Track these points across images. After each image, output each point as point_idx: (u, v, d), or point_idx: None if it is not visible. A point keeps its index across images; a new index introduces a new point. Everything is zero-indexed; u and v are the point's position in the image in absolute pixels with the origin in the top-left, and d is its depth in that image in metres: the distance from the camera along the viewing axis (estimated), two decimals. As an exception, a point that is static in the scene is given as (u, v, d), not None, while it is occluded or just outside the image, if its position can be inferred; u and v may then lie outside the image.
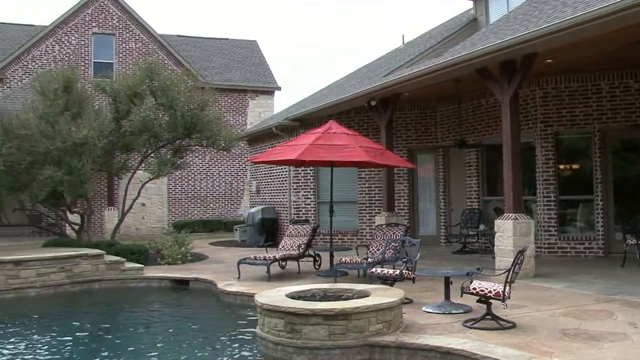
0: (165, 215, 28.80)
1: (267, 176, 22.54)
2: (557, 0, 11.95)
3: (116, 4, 28.73)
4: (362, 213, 19.10)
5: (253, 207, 23.46)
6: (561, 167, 15.47)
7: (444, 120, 18.68)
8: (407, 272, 10.03)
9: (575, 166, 15.71)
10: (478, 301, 8.26)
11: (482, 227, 16.46)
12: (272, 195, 22.07)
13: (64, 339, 9.40)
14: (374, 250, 12.88)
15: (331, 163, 13.41)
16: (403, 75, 14.36)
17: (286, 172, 20.19)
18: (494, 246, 12.39)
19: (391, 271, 10.28)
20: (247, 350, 8.33)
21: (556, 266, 13.35)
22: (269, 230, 20.46)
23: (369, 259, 11.87)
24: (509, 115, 12.12)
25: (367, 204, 19.07)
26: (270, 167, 21.63)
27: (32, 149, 15.84)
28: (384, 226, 13.92)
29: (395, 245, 11.97)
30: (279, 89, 31.46)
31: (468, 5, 20.72)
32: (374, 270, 10.64)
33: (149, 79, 17.27)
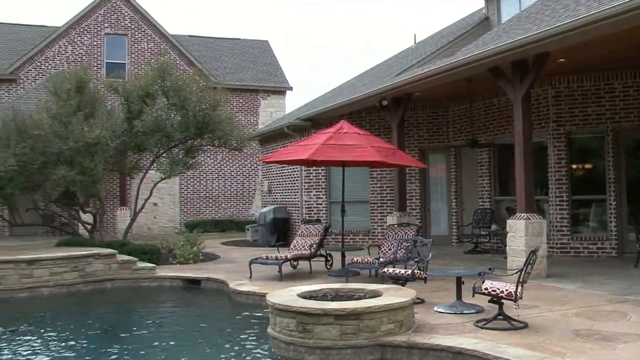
0: (177, 215, 28.89)
1: (279, 176, 22.57)
2: (570, -1, 11.91)
3: (128, 4, 28.86)
4: (373, 213, 19.09)
5: (265, 206, 23.50)
6: (573, 166, 15.40)
7: (456, 120, 18.63)
8: (418, 272, 10.02)
9: (588, 166, 15.63)
10: (490, 301, 8.24)
11: (494, 227, 16.40)
12: (283, 195, 22.09)
13: (77, 338, 9.45)
14: (385, 250, 12.87)
15: (343, 163, 13.40)
16: (414, 75, 14.33)
17: (298, 171, 20.21)
18: (506, 246, 12.36)
19: (403, 271, 10.27)
20: (258, 350, 8.33)
21: (569, 266, 13.29)
22: (280, 230, 20.49)
23: (381, 259, 11.87)
24: (521, 114, 12.08)
25: (379, 204, 19.06)
26: (282, 167, 21.66)
27: (45, 149, 15.92)
28: (395, 226, 13.92)
29: (407, 245, 11.95)
30: (290, 88, 31.50)
31: (480, 4, 20.68)
32: (385, 270, 10.63)
33: (161, 79, 17.32)
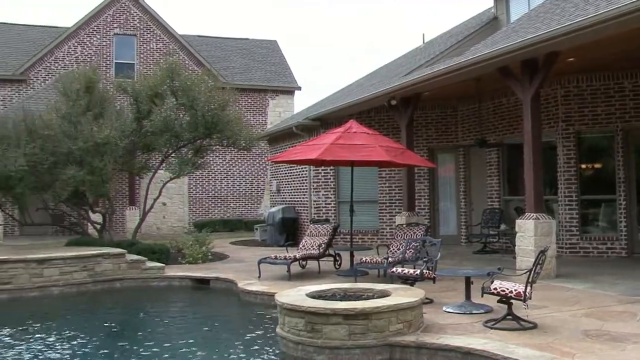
0: (186, 215, 28.96)
1: (288, 176, 22.59)
2: (579, -2, 11.87)
3: (137, 5, 28.94)
4: (382, 212, 19.08)
5: (273, 206, 23.53)
6: (583, 166, 15.34)
7: (465, 120, 18.60)
8: (427, 272, 10.01)
9: (598, 165, 15.57)
10: (499, 301, 8.23)
11: (503, 226, 16.36)
12: (292, 195, 22.11)
13: (87, 337, 9.49)
14: (394, 249, 12.87)
15: (351, 162, 13.40)
16: (423, 75, 14.31)
17: (306, 171, 20.22)
18: (514, 246, 12.33)
19: (412, 271, 10.26)
20: (267, 350, 8.35)
21: (578, 266, 13.24)
22: (289, 230, 20.51)
23: (390, 259, 11.85)
24: (530, 114, 12.05)
25: (388, 204, 19.05)
26: (291, 167, 21.68)
27: (55, 149, 15.99)
28: (404, 226, 13.91)
29: (416, 245, 11.94)
30: (299, 88, 31.52)
31: (489, 4, 20.63)
32: (394, 270, 10.63)
33: (170, 79, 17.37)
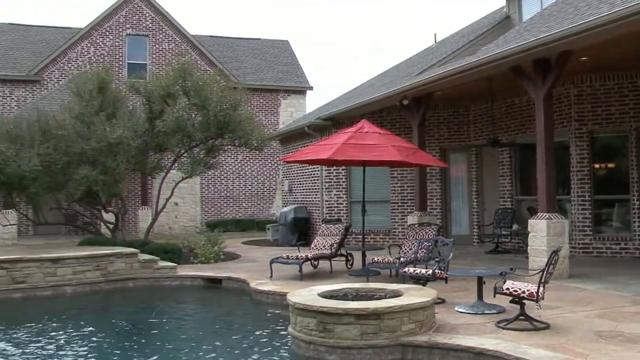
0: (198, 215, 29.04)
1: (300, 175, 22.60)
2: (592, -3, 11.80)
3: (150, 5, 29.06)
4: (394, 212, 19.06)
5: (285, 206, 23.56)
6: (596, 166, 15.25)
7: (477, 119, 18.55)
8: (439, 271, 10.00)
9: (611, 165, 15.48)
10: (511, 301, 8.20)
11: (515, 226, 16.31)
12: (304, 195, 22.12)
13: (100, 335, 9.55)
14: (406, 249, 12.84)
15: (363, 162, 13.39)
16: (435, 74, 14.28)
17: (318, 171, 20.23)
18: (527, 246, 12.28)
19: (424, 271, 10.25)
20: (279, 349, 8.36)
21: (591, 267, 13.18)
22: (301, 230, 20.52)
23: (402, 259, 11.84)
24: (542, 113, 12.00)
25: (400, 204, 19.03)
26: (303, 167, 21.69)
27: (68, 149, 16.10)
28: (416, 225, 13.87)
29: (428, 245, 11.93)
30: (310, 88, 31.53)
31: (500, 3, 20.57)
32: (406, 270, 10.62)
33: (182, 79, 17.42)
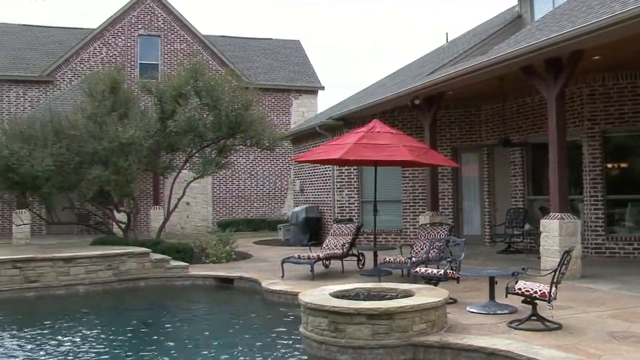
0: (210, 214, 29.11)
1: (311, 175, 22.61)
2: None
3: (161, 6, 29.16)
4: (406, 212, 19.04)
5: (297, 206, 23.59)
6: (609, 166, 15.17)
7: (489, 119, 18.49)
8: (451, 271, 9.98)
9: (624, 165, 15.39)
10: (523, 302, 8.18)
11: (527, 226, 16.25)
12: (315, 195, 22.13)
13: (113, 334, 9.61)
14: (418, 249, 12.84)
15: (375, 162, 13.38)
16: (447, 74, 14.26)
17: (330, 171, 20.23)
18: (539, 246, 12.24)
19: (435, 271, 10.23)
20: (290, 349, 8.37)
21: (603, 267, 13.11)
22: (312, 230, 20.54)
23: (413, 259, 11.83)
24: (554, 113, 11.96)
25: (411, 203, 19.01)
26: (314, 167, 21.70)
27: (81, 149, 16.18)
28: (428, 225, 13.87)
29: (440, 245, 11.91)
30: (322, 88, 31.56)
31: (512, 2, 20.50)
32: (418, 269, 10.60)
33: (194, 79, 17.47)
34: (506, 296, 8.35)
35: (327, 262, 13.98)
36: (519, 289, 8.05)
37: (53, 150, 15.56)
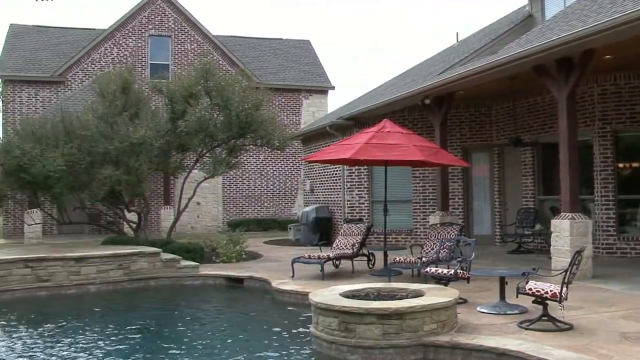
0: (220, 214, 29.18)
1: (321, 175, 22.61)
2: (616, -5, 11.68)
3: (172, 6, 29.26)
4: (416, 212, 19.02)
5: (307, 206, 23.58)
6: (620, 165, 15.10)
7: (499, 119, 18.44)
8: (461, 271, 9.96)
9: (635, 165, 15.30)
10: (534, 302, 8.16)
11: (537, 226, 16.20)
12: (326, 194, 22.13)
13: (124, 333, 9.63)
14: (428, 249, 12.82)
15: (385, 162, 13.38)
16: (457, 74, 14.23)
17: (340, 171, 20.23)
18: (550, 246, 12.20)
19: (445, 271, 10.22)
20: (301, 349, 8.38)
21: (615, 267, 13.06)
22: (323, 229, 20.54)
23: (423, 259, 11.82)
24: (565, 113, 11.91)
25: (421, 203, 18.98)
26: (324, 166, 21.70)
27: (92, 149, 16.25)
28: (438, 225, 13.85)
29: (450, 245, 11.89)
30: (332, 88, 31.56)
31: (520, 1, 20.47)
32: (428, 269, 10.59)
33: (204, 79, 17.51)
34: (517, 296, 8.33)
35: (337, 262, 13.99)
36: (530, 289, 8.03)
37: (64, 151, 15.63)
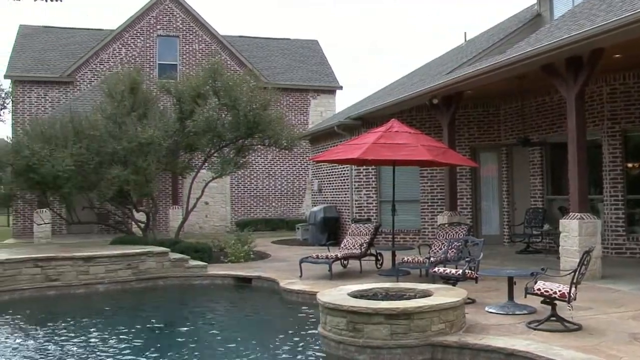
0: (228, 214, 29.21)
1: (329, 175, 22.61)
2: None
3: (180, 6, 29.31)
4: (424, 212, 18.99)
5: (315, 205, 23.58)
6: (629, 165, 15.03)
7: (507, 118, 18.39)
8: (469, 271, 9.94)
9: (645, 164, 15.26)
10: (542, 302, 8.14)
11: (546, 226, 16.15)
12: (334, 194, 22.13)
13: (132, 333, 9.65)
14: (436, 249, 12.81)
15: (393, 162, 13.37)
16: (465, 73, 14.20)
17: (348, 171, 20.22)
18: (558, 246, 12.16)
19: (454, 271, 10.20)
20: (309, 349, 8.38)
21: (624, 268, 12.99)
22: (330, 229, 20.54)
23: (432, 259, 11.80)
24: (574, 112, 11.87)
25: (429, 203, 18.95)
26: (332, 166, 21.70)
27: (100, 149, 16.30)
28: (446, 225, 13.83)
29: (458, 245, 11.87)
30: (340, 88, 31.56)
31: (530, 1, 20.38)
32: (436, 269, 10.58)
33: (212, 79, 17.53)
34: (525, 296, 8.31)
35: (345, 262, 13.98)
36: (538, 289, 8.00)
37: (73, 151, 15.68)
